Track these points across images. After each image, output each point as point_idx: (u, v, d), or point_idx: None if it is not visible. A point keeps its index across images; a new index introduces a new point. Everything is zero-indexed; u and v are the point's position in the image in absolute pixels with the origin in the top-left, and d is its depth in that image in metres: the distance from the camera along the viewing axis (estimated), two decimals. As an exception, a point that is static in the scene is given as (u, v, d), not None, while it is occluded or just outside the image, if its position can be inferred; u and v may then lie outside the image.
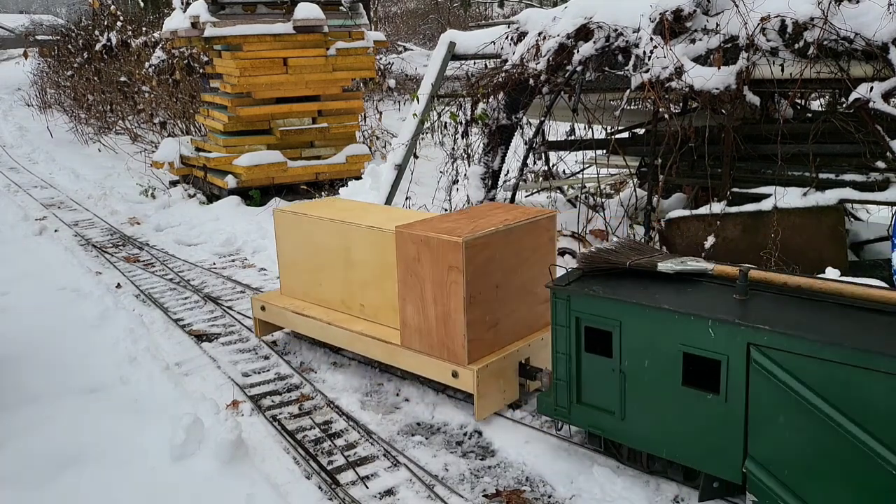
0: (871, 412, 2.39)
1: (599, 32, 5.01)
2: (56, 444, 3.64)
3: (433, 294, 3.72)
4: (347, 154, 9.06)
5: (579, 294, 3.10)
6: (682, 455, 2.98)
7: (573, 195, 7.37)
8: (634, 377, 3.03)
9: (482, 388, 3.65)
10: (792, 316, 2.71)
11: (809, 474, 2.59)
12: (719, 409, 2.79)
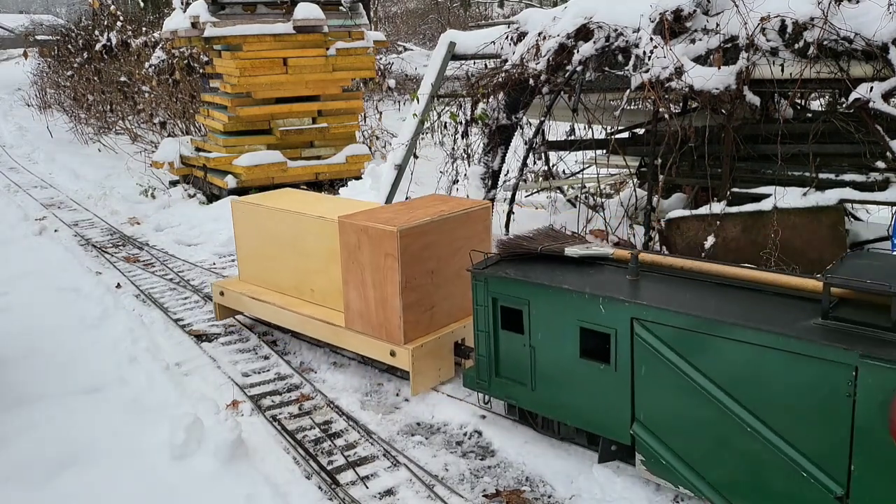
0: (732, 376, 2.72)
1: (599, 32, 5.01)
2: (56, 444, 3.64)
3: (372, 279, 4.00)
4: (347, 154, 9.06)
5: (494, 277, 3.42)
6: (583, 421, 3.30)
7: (573, 195, 7.37)
8: (542, 351, 3.33)
9: (417, 366, 3.96)
10: (672, 293, 3.01)
11: (682, 433, 2.92)
12: (610, 378, 3.10)
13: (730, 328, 2.68)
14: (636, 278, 3.17)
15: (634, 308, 2.94)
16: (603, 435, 3.23)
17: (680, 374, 2.85)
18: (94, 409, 3.99)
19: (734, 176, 5.05)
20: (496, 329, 3.50)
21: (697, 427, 2.86)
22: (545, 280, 3.25)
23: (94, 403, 4.06)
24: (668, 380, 2.90)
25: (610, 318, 3.02)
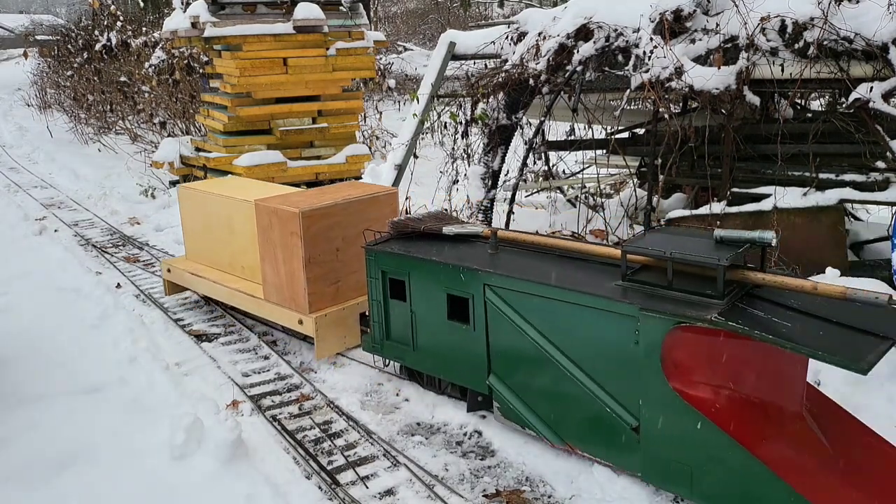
0: (556, 330, 3.24)
1: (599, 32, 5.01)
2: (56, 444, 3.64)
3: (282, 256, 4.46)
4: (347, 154, 9.06)
5: (383, 252, 3.93)
6: (452, 376, 3.86)
7: (573, 195, 7.37)
8: (420, 315, 3.86)
9: (321, 333, 4.41)
10: (518, 263, 3.53)
11: (524, 382, 3.46)
12: (470, 337, 3.62)
13: (552, 290, 3.21)
14: (495, 252, 3.70)
15: (485, 276, 3.46)
16: (468, 387, 3.77)
17: (520, 330, 3.38)
18: (94, 409, 3.99)
19: (734, 176, 5.05)
20: (386, 298, 4.01)
21: (533, 375, 3.41)
22: (421, 254, 3.76)
23: (94, 403, 4.06)
24: (512, 336, 3.43)
25: (468, 285, 3.55)
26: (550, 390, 3.34)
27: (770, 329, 2.68)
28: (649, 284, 3.04)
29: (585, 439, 3.28)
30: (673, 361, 2.88)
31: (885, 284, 4.19)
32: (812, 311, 2.81)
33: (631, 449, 3.08)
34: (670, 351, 2.87)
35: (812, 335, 2.65)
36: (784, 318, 2.78)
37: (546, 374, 3.32)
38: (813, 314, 2.80)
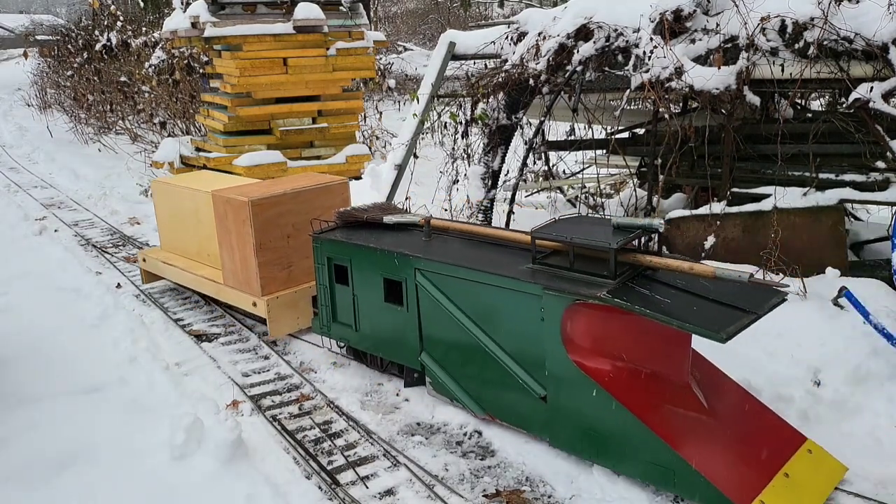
0: (475, 309, 3.55)
1: (599, 32, 5.01)
2: (56, 444, 3.64)
3: (237, 242, 4.77)
4: (347, 154, 9.06)
5: (328, 240, 4.20)
6: (391, 354, 4.14)
7: (573, 195, 7.37)
8: (361, 298, 4.14)
9: (273, 314, 4.71)
10: (446, 249, 3.81)
11: (450, 357, 3.76)
12: (404, 318, 3.91)
13: (471, 272, 3.51)
14: (429, 239, 3.98)
15: (415, 261, 3.74)
16: (405, 364, 4.06)
17: (445, 310, 3.67)
18: (94, 409, 3.99)
19: (734, 176, 5.05)
20: (331, 283, 4.29)
21: (458, 350, 3.70)
22: (361, 241, 4.04)
23: (94, 403, 4.06)
24: (439, 315, 3.72)
25: (401, 269, 3.83)
26: (472, 365, 3.66)
27: (650, 305, 2.97)
28: (555, 266, 3.36)
29: (502, 409, 3.59)
30: (571, 335, 3.21)
31: (886, 284, 4.19)
32: (694, 289, 3.11)
33: (540, 416, 3.41)
34: (569, 326, 3.20)
35: (686, 310, 2.94)
36: (666, 295, 3.08)
37: (469, 350, 3.64)
38: (694, 292, 3.09)
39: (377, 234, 4.14)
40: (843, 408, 3.56)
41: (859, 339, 3.83)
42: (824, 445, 3.35)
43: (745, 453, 3.03)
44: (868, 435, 3.42)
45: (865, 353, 3.75)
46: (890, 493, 3.06)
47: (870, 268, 4.66)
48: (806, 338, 3.93)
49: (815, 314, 4.02)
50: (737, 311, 2.92)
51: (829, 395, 3.62)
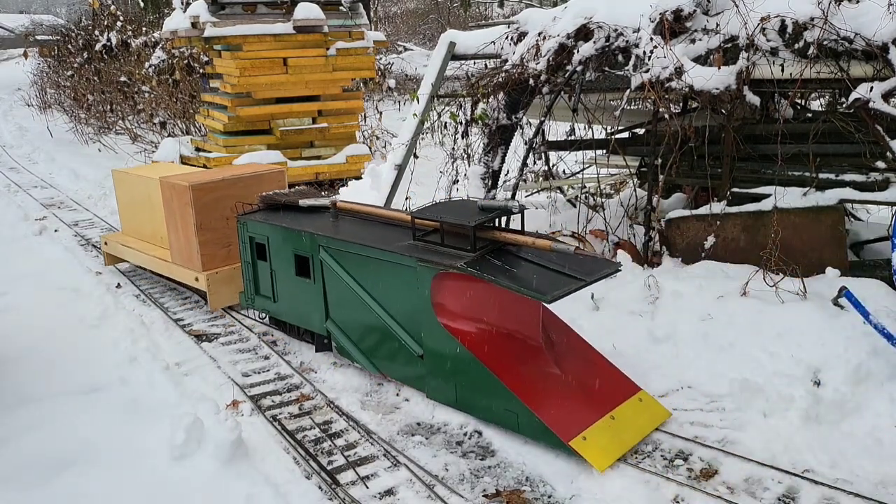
0: (367, 280, 4.05)
1: (599, 32, 5.00)
2: (56, 444, 3.64)
3: (181, 224, 5.29)
4: (347, 154, 9.06)
5: (249, 220, 4.72)
6: (303, 322, 4.62)
7: (573, 195, 7.37)
8: (277, 273, 4.65)
9: (213, 288, 5.25)
10: (350, 229, 4.27)
11: (348, 322, 4.27)
12: (312, 289, 4.40)
13: (362, 248, 4.00)
14: (335, 220, 4.47)
15: (319, 238, 4.24)
16: (315, 331, 4.51)
17: (344, 281, 4.16)
18: (95, 409, 3.99)
19: (734, 176, 5.05)
20: (253, 259, 4.79)
21: (355, 317, 4.19)
22: (277, 222, 4.52)
23: (94, 403, 4.06)
24: (339, 287, 4.22)
25: (308, 246, 4.32)
26: (367, 329, 4.15)
27: (497, 273, 3.46)
28: (430, 242, 3.83)
29: (391, 368, 4.10)
30: (439, 301, 3.72)
31: (886, 284, 4.19)
32: (542, 261, 3.59)
33: (419, 373, 3.90)
34: (436, 293, 3.71)
35: (526, 278, 3.44)
36: (515, 265, 3.58)
37: (363, 316, 4.13)
38: (540, 264, 3.58)
39: (293, 215, 4.65)
40: (843, 408, 3.56)
41: (859, 339, 3.83)
42: (824, 445, 3.37)
43: (580, 400, 3.60)
44: (868, 435, 3.42)
45: (865, 353, 3.75)
46: (890, 493, 3.07)
47: (870, 268, 4.66)
48: (806, 338, 3.93)
49: (815, 314, 4.02)
50: (569, 279, 3.43)
51: (829, 395, 3.62)
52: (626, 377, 3.79)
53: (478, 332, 3.71)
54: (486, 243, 3.68)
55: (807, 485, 3.15)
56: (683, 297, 4.46)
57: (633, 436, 3.49)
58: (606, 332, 4.50)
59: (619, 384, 3.74)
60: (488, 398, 3.58)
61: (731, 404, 3.76)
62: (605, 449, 3.36)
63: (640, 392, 3.72)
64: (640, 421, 3.58)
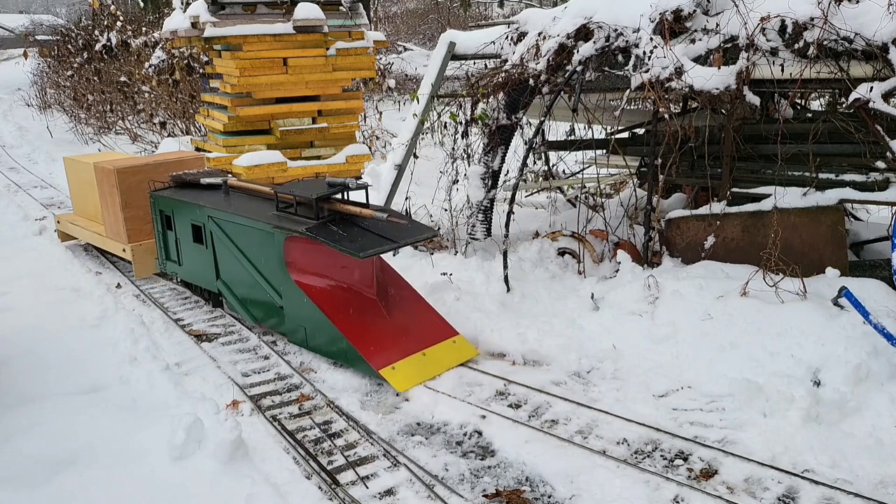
0: (243, 244, 4.82)
1: (599, 32, 5.00)
2: (56, 444, 3.64)
3: (110, 202, 6.15)
4: (347, 154, 9.05)
5: (159, 196, 5.54)
6: (202, 282, 5.46)
7: (573, 195, 7.37)
8: (181, 240, 5.46)
9: (137, 258, 6.10)
10: (235, 202, 5.05)
11: (233, 281, 5.07)
12: (205, 253, 5.20)
13: (237, 217, 4.79)
14: (227, 196, 5.25)
15: (208, 210, 5.03)
16: (210, 289, 5.35)
17: (228, 245, 4.94)
18: (95, 409, 3.99)
19: (734, 176, 5.05)
20: (163, 230, 5.62)
21: (237, 276, 5.00)
22: (180, 197, 5.32)
23: (94, 403, 4.06)
24: (225, 250, 5.01)
25: (201, 217, 5.11)
26: (245, 286, 4.95)
27: (328, 236, 4.19)
28: (287, 213, 4.54)
29: (263, 317, 4.91)
30: (290, 260, 4.50)
31: (886, 284, 4.19)
32: (373, 228, 4.33)
33: (281, 321, 4.73)
34: (288, 254, 4.48)
35: (350, 240, 4.17)
36: (348, 232, 4.27)
37: (242, 275, 4.93)
38: (369, 230, 4.32)
39: (195, 192, 5.42)
40: (843, 408, 3.56)
41: (859, 339, 3.83)
42: (824, 445, 3.37)
43: (398, 340, 4.36)
44: (868, 435, 3.43)
45: (865, 353, 3.76)
46: (890, 493, 3.07)
47: (870, 268, 4.66)
48: (806, 338, 3.93)
49: (815, 314, 4.02)
50: (385, 241, 4.24)
51: (829, 395, 3.62)
52: (446, 324, 4.58)
53: (320, 285, 4.53)
54: (330, 213, 4.43)
55: (807, 485, 3.15)
56: (683, 297, 4.46)
57: (438, 368, 4.28)
58: (606, 331, 4.51)
59: (438, 330, 4.53)
60: (326, 339, 4.41)
61: (731, 404, 3.76)
62: (408, 376, 4.16)
63: (456, 336, 4.53)
64: (448, 358, 4.37)
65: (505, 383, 4.17)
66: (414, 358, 4.27)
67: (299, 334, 4.61)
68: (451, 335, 4.51)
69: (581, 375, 4.23)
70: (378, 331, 4.38)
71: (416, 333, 4.44)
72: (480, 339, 4.67)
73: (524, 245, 5.71)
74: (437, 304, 5.08)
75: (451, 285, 5.21)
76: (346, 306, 4.45)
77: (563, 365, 4.32)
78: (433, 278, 5.36)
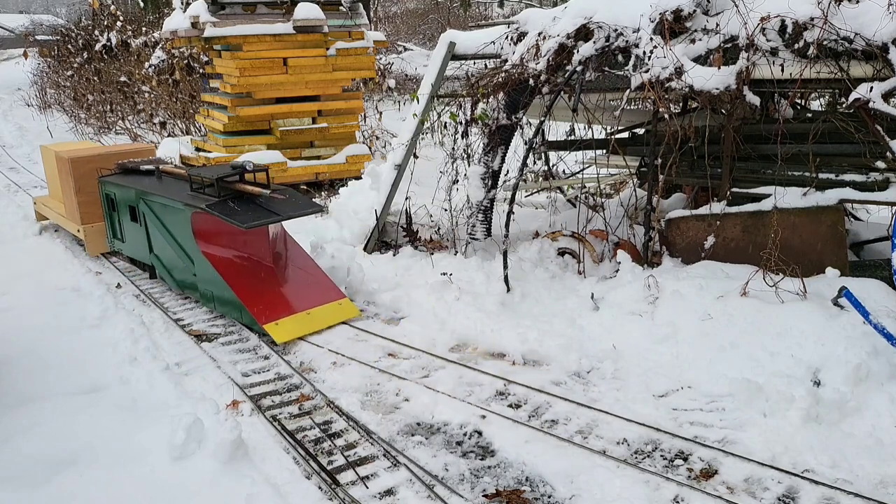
0: (165, 220, 5.51)
1: (599, 32, 5.00)
2: (56, 444, 3.64)
3: (67, 188, 6.86)
4: (347, 154, 9.06)
5: (105, 181, 6.33)
6: (139, 256, 6.16)
7: (573, 195, 7.37)
8: (122, 220, 6.23)
9: (88, 238, 6.79)
10: (162, 185, 5.70)
11: (162, 255, 5.77)
12: (140, 231, 5.90)
13: (159, 197, 5.49)
14: (160, 179, 5.88)
15: (140, 192, 5.73)
16: (146, 263, 6.06)
17: (155, 222, 5.63)
18: (95, 409, 3.99)
19: (734, 176, 5.05)
20: (109, 210, 6.39)
21: (165, 249, 5.65)
22: (121, 182, 6.08)
23: (94, 403, 4.05)
24: (154, 227, 5.68)
25: (136, 198, 5.81)
26: (170, 258, 5.63)
27: (221, 211, 4.83)
28: (199, 192, 5.22)
29: (184, 285, 5.60)
30: (198, 232, 5.16)
31: (886, 284, 4.19)
32: (268, 205, 4.97)
33: (196, 287, 5.39)
34: (196, 227, 5.15)
35: (242, 214, 4.81)
36: (242, 208, 4.90)
37: (167, 249, 5.59)
38: (265, 206, 4.96)
39: (133, 177, 6.14)
40: (843, 408, 3.56)
41: (859, 339, 3.83)
42: (824, 445, 3.37)
43: (287, 301, 5.07)
44: (868, 435, 3.43)
45: (865, 353, 3.76)
46: (890, 493, 3.07)
47: (870, 268, 4.66)
48: (806, 338, 3.93)
49: (815, 314, 4.02)
50: (272, 214, 4.90)
51: (829, 395, 3.62)
52: (335, 289, 5.29)
53: (223, 255, 5.20)
54: (231, 192, 5.09)
55: (807, 485, 3.15)
56: (683, 297, 4.46)
57: (319, 325, 4.97)
58: (606, 331, 4.51)
59: (327, 293, 5.22)
60: (227, 301, 5.10)
61: (731, 404, 3.76)
62: (289, 331, 4.85)
63: (342, 299, 5.22)
64: (331, 317, 5.06)
65: (505, 383, 4.17)
66: (298, 316, 4.97)
67: (208, 297, 5.29)
68: (337, 298, 5.21)
69: (581, 375, 4.23)
70: (270, 293, 5.10)
71: (304, 296, 5.13)
72: (480, 339, 4.67)
73: (524, 245, 5.71)
74: (438, 304, 5.08)
75: (451, 285, 5.21)
76: (244, 272, 5.15)
77: (563, 365, 4.32)
78: (433, 278, 5.36)
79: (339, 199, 7.11)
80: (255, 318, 4.83)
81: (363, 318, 5.21)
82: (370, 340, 4.82)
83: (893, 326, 3.79)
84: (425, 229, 6.59)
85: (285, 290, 5.16)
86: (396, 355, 4.60)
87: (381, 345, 4.74)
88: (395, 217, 6.57)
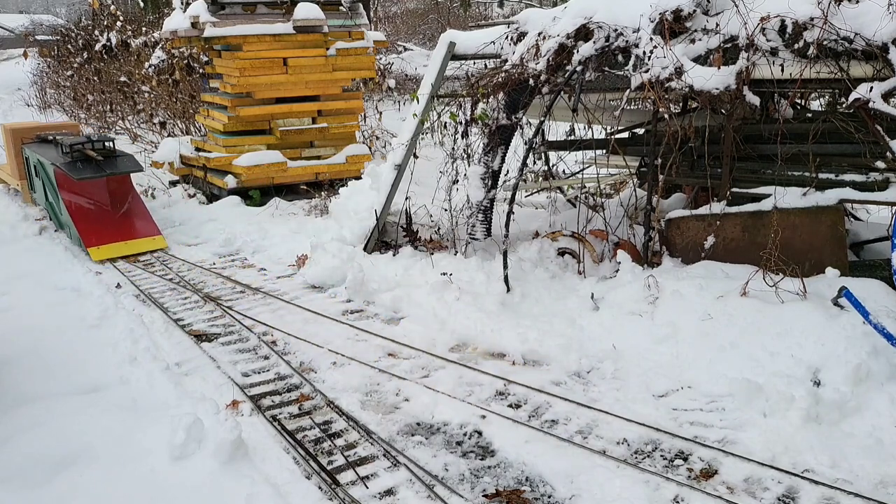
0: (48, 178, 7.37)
1: (599, 32, 5.00)
2: (56, 444, 3.64)
3: (10, 152, 8.50)
4: (347, 154, 9.05)
5: (25, 147, 8.07)
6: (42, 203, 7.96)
7: (573, 195, 7.37)
8: (32, 176, 8.10)
9: (23, 190, 8.50)
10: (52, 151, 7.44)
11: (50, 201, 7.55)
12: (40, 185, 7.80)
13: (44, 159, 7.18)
14: (56, 146, 7.31)
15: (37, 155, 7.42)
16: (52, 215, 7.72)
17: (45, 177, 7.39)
18: (95, 409, 3.99)
19: (734, 176, 5.05)
20: (28, 171, 8.19)
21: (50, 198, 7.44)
22: (32, 148, 7.79)
23: (94, 403, 4.06)
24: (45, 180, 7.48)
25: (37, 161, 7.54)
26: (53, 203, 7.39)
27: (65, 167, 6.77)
28: (66, 156, 6.96)
29: (59, 224, 7.37)
30: (60, 184, 6.99)
31: (886, 284, 4.20)
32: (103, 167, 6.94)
33: (62, 226, 7.28)
34: (58, 179, 6.99)
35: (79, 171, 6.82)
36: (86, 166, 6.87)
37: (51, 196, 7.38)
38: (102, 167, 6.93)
39: (42, 146, 7.84)
40: (843, 408, 3.56)
41: (859, 339, 3.83)
42: (824, 445, 3.38)
43: (113, 234, 6.94)
44: (868, 435, 3.43)
45: (865, 353, 3.76)
46: (890, 493, 3.07)
47: (870, 268, 4.66)
48: (806, 338, 3.93)
49: (815, 314, 4.03)
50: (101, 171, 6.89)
51: (829, 395, 3.62)
52: (155, 229, 7.15)
53: (74, 201, 7.01)
54: (81, 155, 6.93)
55: (807, 485, 3.16)
56: (683, 297, 4.46)
57: (131, 251, 6.87)
58: (606, 331, 4.51)
59: (147, 230, 7.11)
60: (75, 235, 6.84)
61: (731, 404, 3.76)
62: (104, 253, 6.74)
63: (158, 236, 7.11)
64: (143, 247, 6.95)
65: (505, 383, 4.17)
66: (117, 244, 6.86)
67: (68, 233, 7.19)
68: (154, 234, 7.10)
69: (581, 375, 4.23)
70: (102, 229, 6.92)
71: (128, 232, 7.01)
72: (480, 339, 4.68)
73: (524, 245, 5.71)
74: (438, 304, 5.09)
75: (451, 285, 5.21)
76: (88, 215, 6.99)
77: (563, 365, 4.32)
78: (433, 278, 5.36)
79: (339, 200, 7.10)
80: (82, 241, 6.74)
81: (363, 317, 5.22)
82: (370, 340, 4.82)
83: (893, 326, 3.79)
84: (425, 229, 6.59)
85: (115, 228, 6.99)
86: (396, 355, 4.60)
87: (381, 345, 4.75)
88: (395, 217, 6.57)
